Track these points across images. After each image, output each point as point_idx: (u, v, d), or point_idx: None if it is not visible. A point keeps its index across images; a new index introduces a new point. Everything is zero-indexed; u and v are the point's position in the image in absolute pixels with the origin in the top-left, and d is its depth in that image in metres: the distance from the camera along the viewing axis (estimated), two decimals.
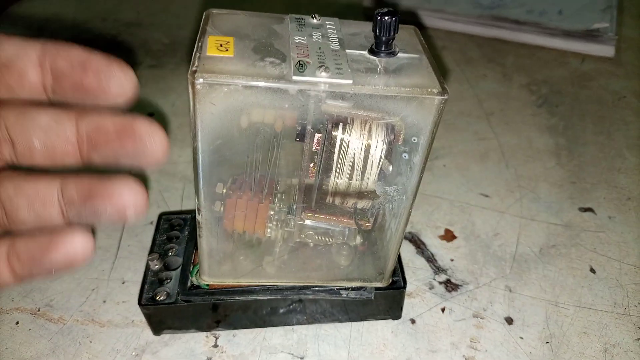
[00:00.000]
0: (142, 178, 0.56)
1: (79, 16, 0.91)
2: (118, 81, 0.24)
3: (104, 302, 0.45)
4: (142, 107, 0.67)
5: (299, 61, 0.29)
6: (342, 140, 0.33)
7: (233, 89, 0.28)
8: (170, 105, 0.69)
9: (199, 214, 0.34)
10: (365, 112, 0.32)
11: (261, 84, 0.28)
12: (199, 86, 0.27)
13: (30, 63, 0.24)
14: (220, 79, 0.27)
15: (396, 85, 0.29)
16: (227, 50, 0.29)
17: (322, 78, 0.28)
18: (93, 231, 0.42)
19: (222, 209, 0.36)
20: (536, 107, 0.69)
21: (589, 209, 0.54)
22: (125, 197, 0.24)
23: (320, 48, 0.31)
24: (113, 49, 0.81)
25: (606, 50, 0.79)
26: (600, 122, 0.66)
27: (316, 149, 0.34)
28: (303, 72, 0.28)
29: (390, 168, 0.34)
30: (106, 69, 0.24)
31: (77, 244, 0.25)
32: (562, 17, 0.83)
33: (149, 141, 0.24)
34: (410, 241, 0.50)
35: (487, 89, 0.73)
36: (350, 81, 0.29)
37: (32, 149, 0.25)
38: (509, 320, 0.43)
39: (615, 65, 0.77)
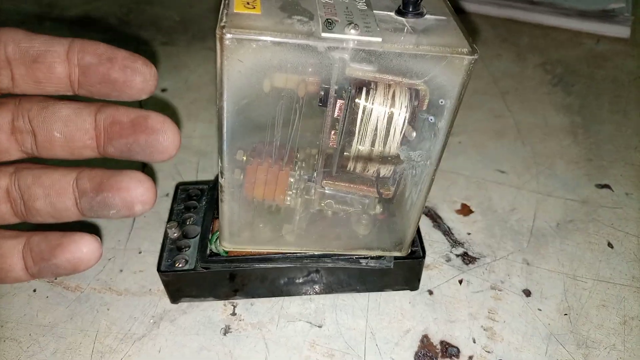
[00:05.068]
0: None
1: None
2: (142, 76, 0.25)
3: (121, 271, 0.45)
4: None
5: (327, 19, 0.29)
6: (365, 106, 0.33)
7: (262, 45, 0.28)
8: (183, 81, 0.69)
9: (221, 177, 0.34)
10: (389, 76, 0.31)
11: (290, 40, 0.28)
12: (227, 41, 0.27)
13: (59, 58, 0.25)
14: (249, 34, 0.27)
15: (425, 44, 0.29)
16: (254, 7, 0.29)
17: (352, 35, 0.28)
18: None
19: (242, 176, 0.36)
20: (551, 86, 0.69)
21: (606, 186, 0.53)
22: (134, 192, 0.26)
23: (347, 8, 0.30)
24: (124, 26, 0.80)
25: (621, 31, 0.78)
26: (616, 101, 0.66)
27: (338, 115, 0.33)
28: (332, 29, 0.28)
29: (414, 134, 0.34)
30: (132, 64, 0.25)
31: (83, 248, 0.26)
32: None
33: (161, 135, 0.26)
34: (427, 215, 0.50)
35: (501, 68, 0.72)
36: (380, 39, 0.28)
37: (52, 140, 0.26)
38: (527, 293, 0.43)
39: (631, 45, 0.77)
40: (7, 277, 0.27)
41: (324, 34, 0.28)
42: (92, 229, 0.49)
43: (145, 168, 0.52)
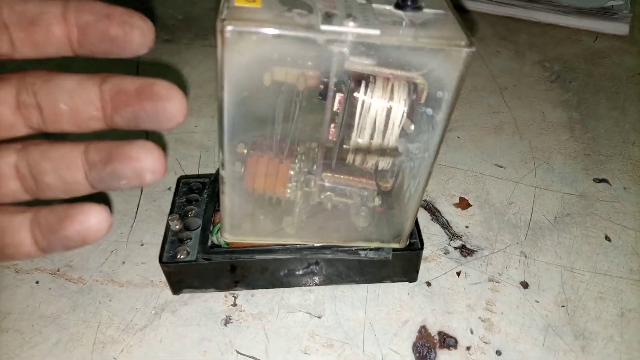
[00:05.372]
0: (160, 145, 0.56)
1: None
2: (140, 30, 0.25)
3: (123, 263, 0.46)
4: None
5: (326, 12, 0.29)
6: (364, 99, 0.33)
7: (262, 37, 0.28)
8: (185, 77, 0.69)
9: (222, 169, 0.34)
10: (388, 69, 0.32)
11: (290, 32, 0.28)
12: (228, 34, 0.27)
13: (55, 18, 0.25)
14: (249, 27, 0.28)
15: (423, 36, 0.29)
16: (254, 1, 0.30)
17: (350, 28, 0.28)
18: (111, 207, 0.42)
19: (242, 169, 0.36)
20: (549, 82, 0.69)
21: (604, 180, 0.54)
22: (144, 161, 0.25)
23: (346, 1, 0.31)
24: None
25: (620, 28, 0.78)
26: (614, 97, 0.66)
27: (338, 109, 0.34)
28: (331, 22, 0.29)
29: (412, 127, 0.34)
30: (129, 19, 0.25)
31: (91, 219, 0.25)
32: None
33: (168, 102, 0.25)
34: (425, 209, 0.51)
35: (500, 65, 0.73)
36: (378, 31, 0.29)
37: (58, 112, 0.25)
38: (525, 285, 0.44)
39: (629, 43, 0.77)
40: (17, 253, 0.26)
41: (323, 27, 0.28)
42: None
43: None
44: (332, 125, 0.35)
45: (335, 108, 0.34)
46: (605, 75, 0.71)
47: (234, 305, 0.42)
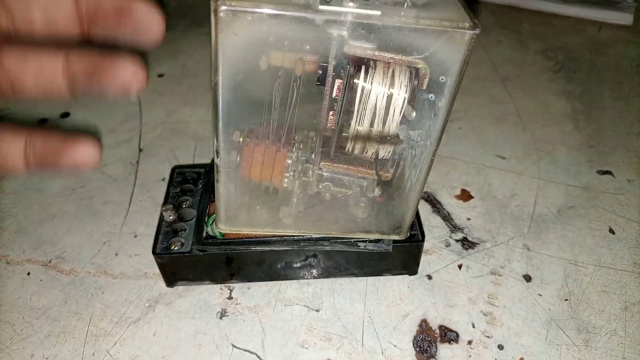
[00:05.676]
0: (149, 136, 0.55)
1: None
2: None
3: (116, 255, 0.44)
4: (152, 69, 0.66)
5: None
6: (364, 85, 0.32)
7: (257, 17, 0.27)
8: (181, 66, 0.68)
9: (217, 156, 0.33)
10: (388, 53, 0.31)
11: (287, 12, 0.27)
12: (222, 14, 0.26)
13: None
14: (244, 6, 0.26)
15: (426, 18, 0.28)
16: None
17: (350, 8, 0.27)
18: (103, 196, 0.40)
19: (238, 158, 0.35)
20: (553, 73, 0.68)
21: (608, 172, 0.53)
22: (128, 73, 0.25)
23: None
24: None
25: (624, 18, 0.77)
26: (618, 88, 0.65)
27: (336, 95, 0.33)
28: (330, 1, 0.27)
29: (414, 114, 0.33)
30: None
31: (84, 153, 0.27)
32: None
33: (146, 21, 0.25)
34: (426, 200, 0.50)
35: (502, 55, 0.71)
36: (379, 12, 0.27)
37: (33, 21, 0.25)
38: (527, 278, 0.43)
39: (633, 33, 0.76)
40: (5, 164, 0.27)
41: (321, 7, 0.27)
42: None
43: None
44: (330, 112, 0.34)
45: (334, 94, 0.32)
46: (609, 66, 0.69)
47: (230, 298, 0.41)
